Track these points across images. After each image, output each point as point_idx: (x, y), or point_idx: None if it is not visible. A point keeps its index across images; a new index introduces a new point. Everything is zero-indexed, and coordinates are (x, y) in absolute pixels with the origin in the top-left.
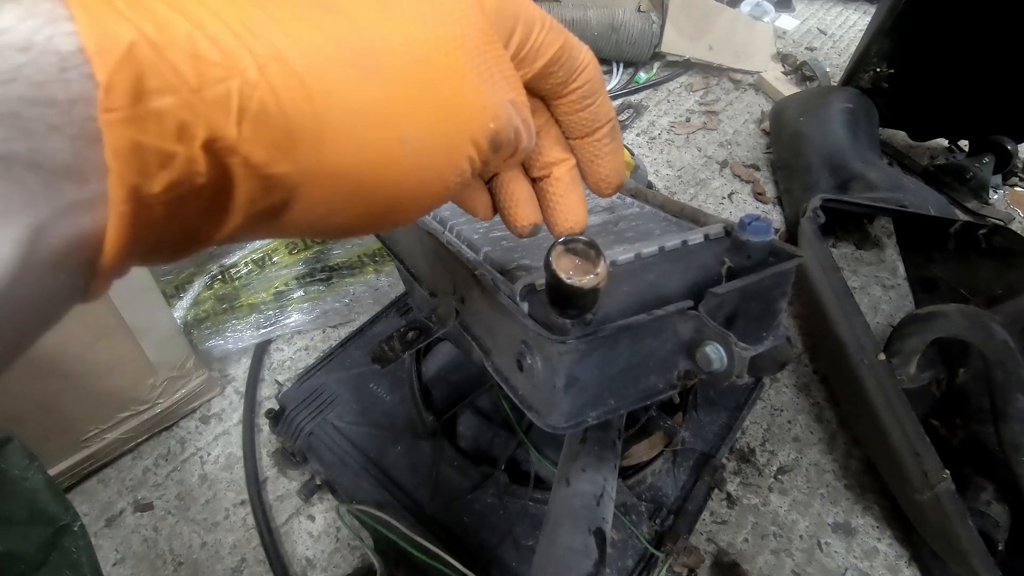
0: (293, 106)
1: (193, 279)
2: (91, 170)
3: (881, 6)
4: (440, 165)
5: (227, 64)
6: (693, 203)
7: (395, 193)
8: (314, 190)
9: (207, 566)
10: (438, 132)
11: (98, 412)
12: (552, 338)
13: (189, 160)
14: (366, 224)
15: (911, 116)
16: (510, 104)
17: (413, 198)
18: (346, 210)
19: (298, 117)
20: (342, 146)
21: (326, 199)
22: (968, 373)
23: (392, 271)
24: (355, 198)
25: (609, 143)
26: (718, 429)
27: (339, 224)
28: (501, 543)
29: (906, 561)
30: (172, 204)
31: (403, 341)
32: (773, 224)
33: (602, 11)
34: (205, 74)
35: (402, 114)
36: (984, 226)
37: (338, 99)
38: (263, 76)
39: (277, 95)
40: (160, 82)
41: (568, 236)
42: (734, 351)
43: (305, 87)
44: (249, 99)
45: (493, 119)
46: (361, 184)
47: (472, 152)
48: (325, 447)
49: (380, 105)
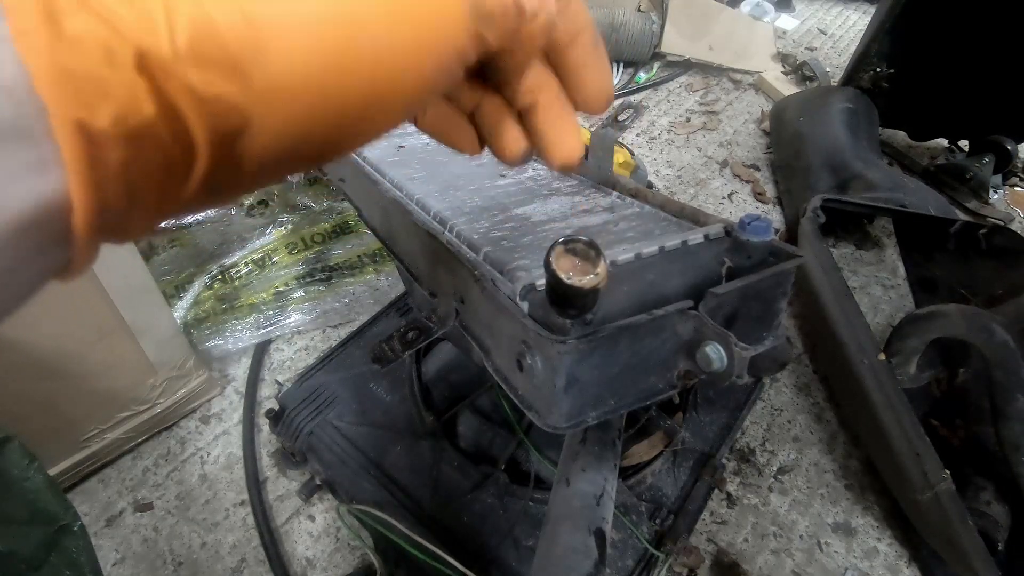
0: (224, 16)
1: (193, 279)
2: (38, 123)
3: (881, 6)
4: (411, 51)
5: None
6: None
7: (363, 97)
8: (269, 110)
9: (207, 566)
10: (399, 14)
11: (98, 412)
12: (552, 338)
13: (127, 86)
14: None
15: (911, 116)
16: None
17: (386, 100)
18: (311, 128)
19: (232, 28)
20: (285, 52)
21: (285, 118)
22: (968, 373)
23: (392, 271)
24: (317, 111)
25: (593, 50)
26: (718, 429)
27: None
28: (501, 543)
29: (906, 561)
30: (128, 146)
31: (403, 341)
32: (773, 224)
33: (602, 11)
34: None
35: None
36: (984, 226)
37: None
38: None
39: (205, 8)
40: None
41: (568, 236)
42: (734, 351)
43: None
44: (175, 13)
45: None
46: (320, 93)
47: (451, 28)
48: (325, 447)
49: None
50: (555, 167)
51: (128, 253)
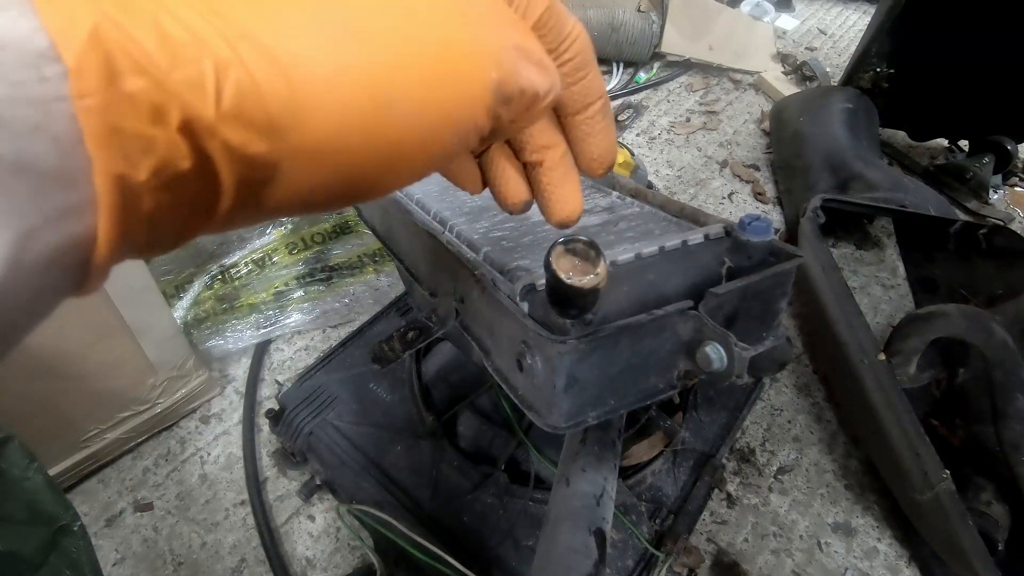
0: (268, 83)
1: (193, 279)
2: (80, 173)
3: (881, 6)
4: (435, 126)
5: (197, 43)
6: (693, 203)
7: (385, 161)
8: (298, 166)
9: (207, 566)
10: (429, 89)
11: (98, 412)
12: (552, 338)
13: (169, 144)
14: (356, 194)
15: (911, 116)
16: (515, 49)
17: (405, 164)
18: (333, 182)
19: (274, 94)
20: (322, 118)
21: (311, 174)
22: (968, 373)
23: (392, 271)
24: (341, 169)
25: (601, 120)
26: (718, 429)
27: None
28: (501, 543)
29: (906, 561)
30: (160, 193)
31: (403, 341)
32: (773, 224)
33: (602, 11)
34: (176, 54)
35: (385, 76)
36: (984, 226)
37: (314, 71)
38: (235, 54)
39: (251, 73)
40: (130, 63)
41: (568, 236)
42: (734, 351)
43: (277, 62)
44: (224, 78)
45: (495, 67)
46: (347, 155)
47: (474, 108)
48: (325, 447)
49: (359, 70)
50: (553, 223)
51: None
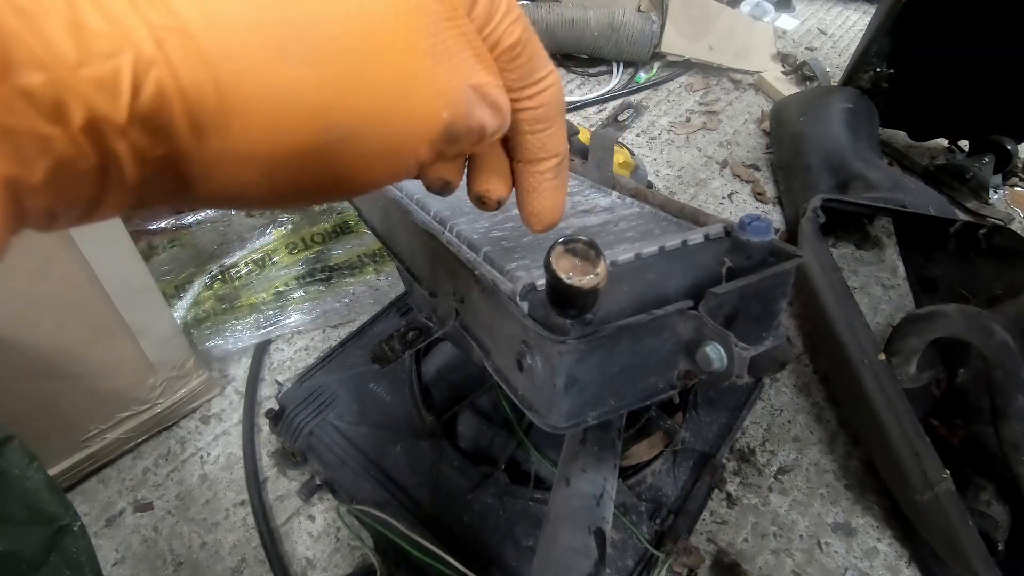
0: (195, 88)
1: (193, 279)
2: None
3: (881, 6)
4: (374, 156)
5: (116, 35)
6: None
7: (316, 179)
8: (218, 173)
9: (207, 566)
10: (375, 122)
11: (98, 412)
12: (552, 338)
13: (69, 144)
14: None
15: (911, 116)
16: (472, 89)
17: (338, 185)
18: (257, 191)
19: (201, 101)
20: (252, 133)
21: (232, 181)
22: (968, 373)
23: (392, 271)
24: (267, 181)
25: (551, 179)
26: (718, 429)
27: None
28: (501, 543)
29: (906, 561)
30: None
31: (403, 341)
32: (773, 224)
33: (602, 11)
34: (88, 47)
35: (330, 101)
36: (984, 226)
37: (251, 82)
38: (160, 51)
39: (176, 74)
40: (28, 55)
41: (568, 236)
42: (734, 351)
43: (211, 66)
44: (143, 78)
45: (447, 107)
46: (273, 170)
47: (418, 145)
48: (325, 447)
49: (303, 89)
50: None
51: (128, 253)
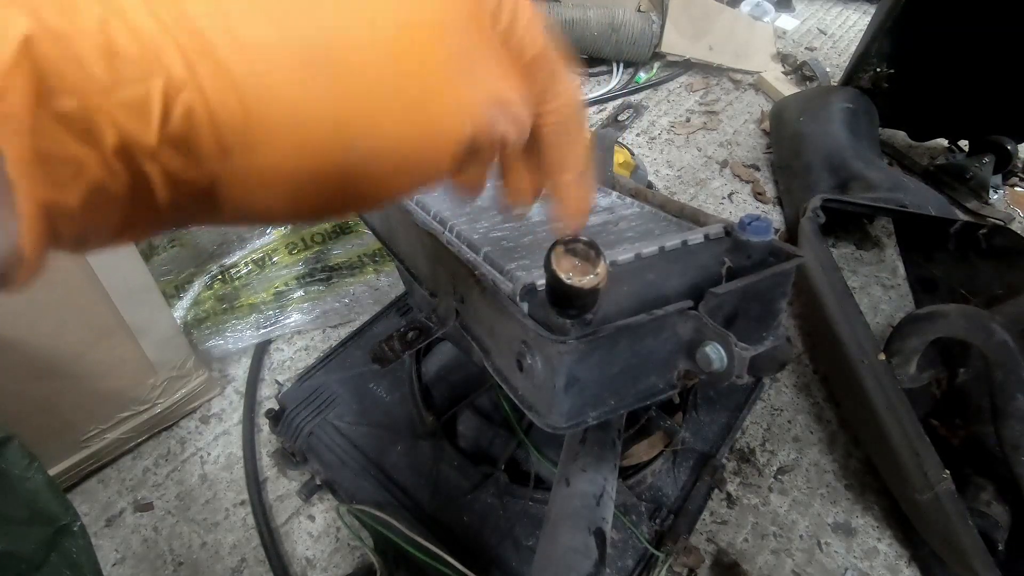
0: (223, 110)
1: (193, 279)
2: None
3: (881, 6)
4: (396, 171)
5: (147, 59)
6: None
7: (338, 194)
8: (242, 188)
9: (207, 566)
10: (399, 138)
11: (98, 412)
12: (552, 338)
13: (102, 167)
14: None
15: (911, 116)
16: (495, 102)
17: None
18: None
19: (229, 122)
20: (276, 151)
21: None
22: (968, 373)
23: (392, 271)
24: (289, 197)
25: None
26: (718, 429)
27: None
28: (501, 543)
29: (906, 561)
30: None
31: (403, 341)
32: (773, 224)
33: (602, 11)
34: (120, 72)
35: (353, 118)
36: (984, 226)
37: (276, 103)
38: (190, 74)
39: (205, 96)
40: (64, 82)
41: (568, 236)
42: (734, 351)
43: (238, 88)
44: (173, 102)
45: (470, 120)
46: (298, 188)
47: (440, 158)
48: (325, 447)
49: (326, 108)
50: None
51: (128, 253)
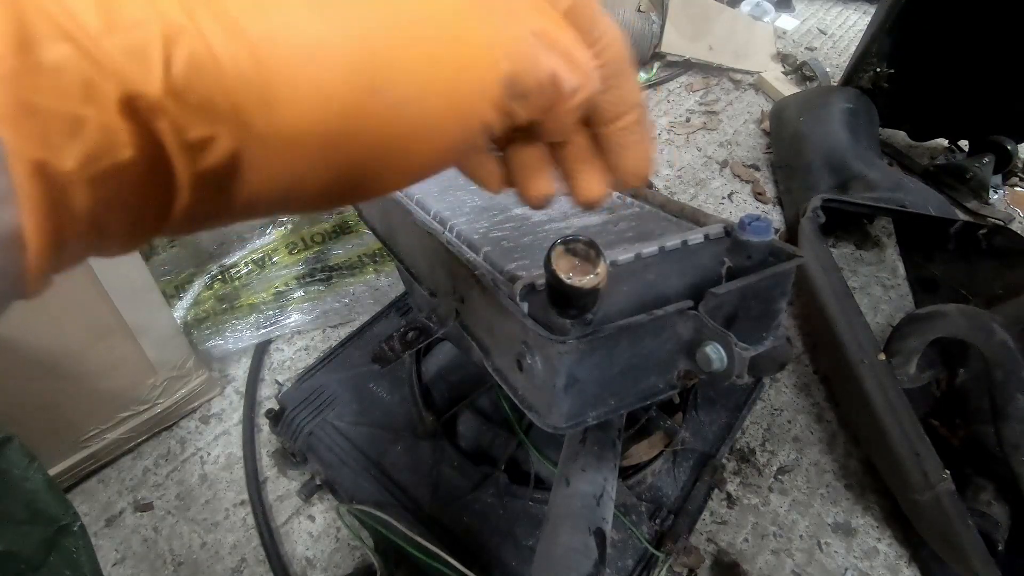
0: (229, 54)
1: (193, 279)
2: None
3: (881, 6)
4: (432, 120)
5: (141, 4)
6: (693, 203)
7: (374, 156)
8: (267, 156)
9: (207, 566)
10: (425, 78)
11: (98, 412)
12: (552, 338)
13: (104, 127)
14: (343, 193)
15: (911, 116)
16: (535, 37)
17: (398, 161)
18: (311, 178)
19: (236, 68)
20: (296, 102)
21: (285, 166)
22: (968, 373)
23: (392, 271)
24: (320, 164)
25: (635, 134)
26: (718, 429)
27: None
28: (501, 543)
29: (906, 561)
30: (98, 185)
31: (403, 341)
32: (773, 224)
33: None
34: (114, 16)
35: (374, 58)
36: (984, 226)
37: (287, 42)
38: (189, 19)
39: (208, 42)
40: (51, 26)
41: (568, 236)
42: (734, 351)
43: (243, 29)
44: (174, 46)
45: (507, 57)
46: (326, 147)
47: (480, 103)
48: (325, 447)
49: (344, 47)
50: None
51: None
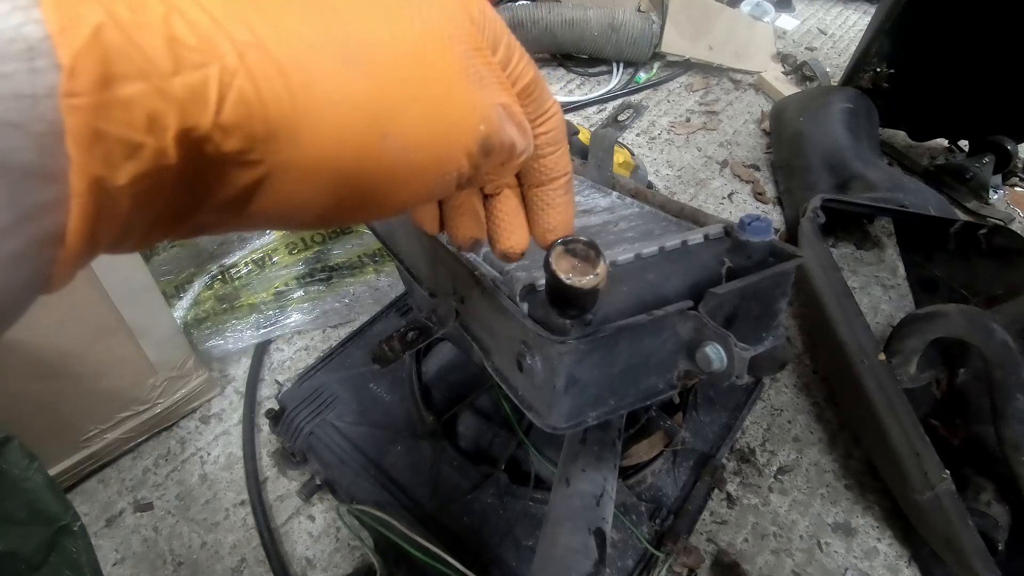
0: (272, 96)
1: (193, 279)
2: (59, 170)
3: (881, 6)
4: (423, 166)
5: (204, 49)
6: (693, 203)
7: (371, 190)
8: (286, 181)
9: (207, 566)
10: (424, 131)
11: (98, 412)
12: (552, 338)
13: (159, 152)
14: (336, 218)
15: (911, 116)
16: (503, 108)
17: (389, 197)
18: (317, 202)
19: (277, 107)
20: (320, 139)
21: (298, 191)
22: (968, 373)
23: (392, 271)
24: (328, 191)
25: (563, 195)
26: (718, 429)
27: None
28: (501, 543)
29: (906, 561)
30: (139, 195)
31: (403, 341)
32: (773, 224)
33: (602, 11)
34: (180, 59)
35: (386, 110)
36: (984, 226)
37: (319, 90)
38: (242, 63)
39: (256, 84)
40: (129, 67)
41: (568, 237)
42: (734, 351)
43: (285, 75)
44: (228, 87)
45: (483, 121)
46: (336, 178)
47: (460, 155)
48: (325, 447)
49: (363, 99)
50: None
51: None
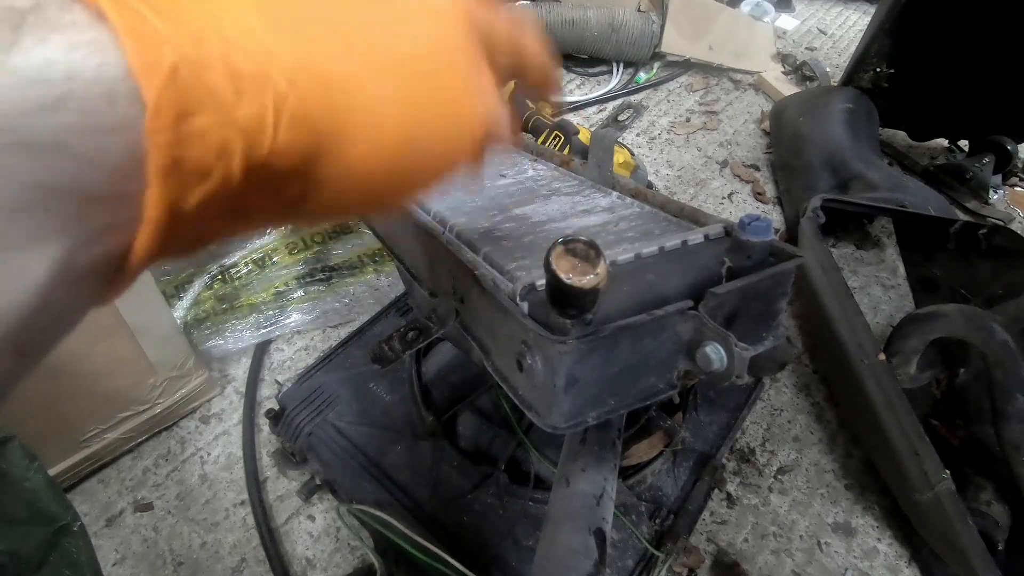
0: (321, 114)
1: (193, 279)
2: (130, 194)
3: (881, 6)
4: (439, 162)
5: (259, 79)
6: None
7: (397, 189)
8: (329, 190)
9: (207, 566)
10: (441, 131)
11: (98, 412)
12: (552, 338)
13: (226, 175)
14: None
15: (911, 116)
16: (495, 109)
17: (410, 192)
18: (352, 203)
19: (323, 124)
20: (360, 148)
21: (338, 196)
22: (968, 373)
23: (392, 271)
24: (363, 194)
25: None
26: (718, 429)
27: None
28: (501, 543)
29: (906, 561)
30: (202, 214)
31: (403, 341)
32: (773, 224)
33: (602, 11)
34: (241, 89)
35: (411, 114)
36: (984, 226)
37: (358, 101)
38: (292, 88)
39: (305, 103)
40: (200, 102)
41: (568, 236)
42: (734, 351)
43: (327, 90)
44: (281, 111)
45: (487, 119)
46: (371, 182)
47: (469, 146)
48: (325, 447)
49: (393, 105)
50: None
51: None
